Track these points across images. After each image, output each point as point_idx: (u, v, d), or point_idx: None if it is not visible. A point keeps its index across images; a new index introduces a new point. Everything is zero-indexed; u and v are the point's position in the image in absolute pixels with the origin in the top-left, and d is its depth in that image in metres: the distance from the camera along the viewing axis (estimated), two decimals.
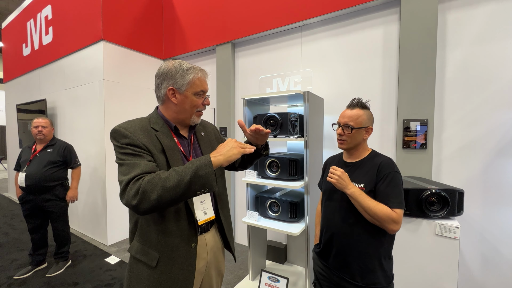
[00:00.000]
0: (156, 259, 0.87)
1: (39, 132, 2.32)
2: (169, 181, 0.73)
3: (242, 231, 3.11)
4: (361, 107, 1.17)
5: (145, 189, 0.73)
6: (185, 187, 0.74)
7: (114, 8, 3.08)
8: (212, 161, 0.78)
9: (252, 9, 2.81)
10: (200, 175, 0.74)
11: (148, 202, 0.73)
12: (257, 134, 1.01)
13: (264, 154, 1.12)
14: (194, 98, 0.93)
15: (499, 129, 1.79)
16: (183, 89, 0.91)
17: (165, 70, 0.92)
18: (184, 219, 0.91)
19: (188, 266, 0.91)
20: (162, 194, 0.73)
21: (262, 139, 1.04)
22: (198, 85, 0.93)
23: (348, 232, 1.12)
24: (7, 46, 5.28)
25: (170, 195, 0.73)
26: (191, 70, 0.92)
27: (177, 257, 0.89)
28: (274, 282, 1.93)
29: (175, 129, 0.97)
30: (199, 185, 0.75)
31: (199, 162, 0.77)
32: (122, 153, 0.83)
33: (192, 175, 0.74)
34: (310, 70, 2.57)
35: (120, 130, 0.85)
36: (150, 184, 0.73)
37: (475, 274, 1.88)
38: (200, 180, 0.75)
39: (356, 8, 2.23)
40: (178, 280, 0.89)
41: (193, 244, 0.92)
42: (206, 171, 0.75)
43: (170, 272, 0.89)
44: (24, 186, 2.24)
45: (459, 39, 1.90)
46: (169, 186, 0.73)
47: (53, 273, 2.37)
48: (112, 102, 3.06)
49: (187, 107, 0.93)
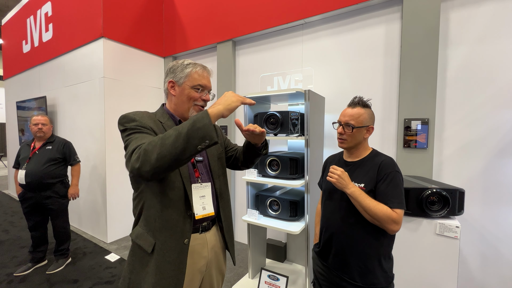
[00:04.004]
0: (152, 245, 0.87)
1: (39, 129, 2.32)
2: (167, 137, 0.73)
3: (242, 229, 3.11)
4: (363, 106, 1.16)
5: (146, 149, 0.73)
6: (183, 141, 0.71)
7: (114, 5, 3.06)
8: (210, 112, 0.75)
9: (253, 6, 2.80)
10: (198, 127, 0.72)
11: (149, 162, 0.72)
12: (253, 134, 1.02)
13: (263, 153, 1.12)
14: (191, 91, 0.96)
15: (500, 128, 1.78)
16: (181, 82, 0.95)
17: (169, 67, 0.99)
18: (181, 210, 0.90)
19: (179, 263, 0.89)
20: (161, 151, 0.71)
21: (259, 138, 1.04)
22: (196, 78, 0.96)
23: (347, 231, 1.11)
24: (7, 43, 5.26)
25: (169, 152, 0.71)
26: (190, 65, 0.97)
27: (168, 250, 0.88)
28: (273, 281, 1.93)
29: (179, 122, 1.00)
30: (198, 138, 0.72)
31: (197, 116, 0.75)
32: (130, 132, 0.85)
33: (189, 128, 0.72)
34: (311, 69, 2.55)
35: (129, 115, 0.89)
36: (151, 145, 0.74)
37: (475, 273, 1.88)
38: (198, 132, 0.72)
39: (358, 6, 2.21)
40: (168, 277, 0.87)
41: (186, 240, 0.90)
42: (204, 122, 0.72)
43: (161, 263, 0.87)
44: (24, 184, 2.24)
45: (461, 38, 1.89)
46: (167, 143, 0.72)
47: (53, 270, 2.38)
48: (112, 100, 3.05)
49: (185, 99, 0.96)
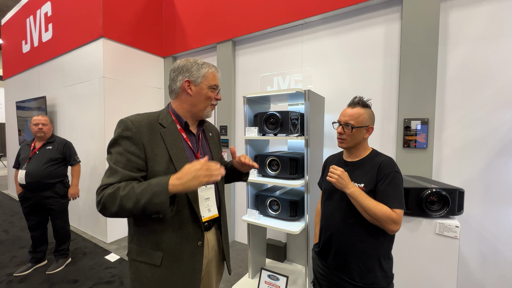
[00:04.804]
0: (160, 258, 0.88)
1: (39, 129, 2.32)
2: (126, 200, 0.77)
3: (242, 229, 3.11)
4: (362, 106, 1.15)
5: (105, 202, 0.78)
6: (140, 210, 0.77)
7: (114, 5, 3.06)
8: (170, 190, 0.78)
9: (253, 6, 2.79)
10: (154, 202, 0.76)
11: (109, 213, 0.80)
12: (244, 165, 1.08)
13: (243, 179, 1.21)
14: (208, 91, 0.97)
15: (499, 128, 1.78)
16: (198, 81, 0.95)
17: (181, 65, 0.97)
18: (188, 218, 0.91)
19: (195, 263, 0.93)
20: (119, 210, 0.78)
21: (246, 168, 1.11)
22: (212, 78, 0.98)
23: (347, 231, 1.11)
24: (7, 43, 5.26)
25: (126, 213, 0.80)
26: (205, 64, 0.98)
27: (182, 255, 0.90)
28: (273, 280, 1.93)
29: (185, 124, 0.99)
30: (153, 211, 0.78)
31: (156, 189, 0.77)
32: (115, 145, 0.86)
33: (147, 201, 0.76)
34: (311, 69, 2.55)
35: (127, 123, 0.87)
36: (110, 198, 0.78)
37: (474, 273, 1.88)
38: (154, 207, 0.77)
39: (358, 6, 2.21)
40: (184, 277, 0.90)
41: (199, 242, 0.94)
42: (160, 199, 0.76)
43: (176, 270, 0.90)
44: (24, 184, 2.24)
45: (461, 38, 1.89)
46: (125, 207, 0.77)
47: (53, 270, 2.38)
48: (112, 100, 3.05)
49: (202, 98, 0.97)
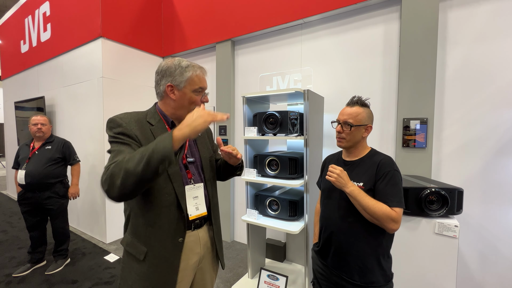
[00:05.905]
0: (143, 253, 0.89)
1: (38, 129, 2.31)
2: (131, 162, 0.72)
3: (242, 229, 3.11)
4: (361, 105, 1.16)
5: (112, 172, 0.73)
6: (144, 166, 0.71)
7: (113, 5, 3.05)
8: (175, 135, 0.74)
9: (252, 6, 2.79)
10: (158, 148, 0.72)
11: (115, 186, 0.72)
12: (230, 155, 1.01)
13: (237, 173, 1.14)
14: (192, 95, 0.94)
15: (498, 128, 1.79)
16: (181, 86, 0.92)
17: (164, 67, 0.93)
18: (174, 214, 0.92)
19: (173, 259, 0.92)
20: (125, 178, 0.71)
21: (234, 160, 1.04)
22: (196, 82, 0.94)
23: (347, 230, 1.11)
24: (5, 43, 5.24)
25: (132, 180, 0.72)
26: (189, 67, 0.93)
27: (163, 251, 0.90)
28: (273, 280, 1.93)
29: (172, 124, 0.99)
30: (158, 159, 0.71)
31: (160, 138, 0.75)
32: (113, 142, 0.86)
33: (151, 151, 0.72)
34: (310, 69, 2.56)
35: (116, 120, 0.88)
36: (117, 167, 0.73)
37: (473, 272, 1.89)
38: (159, 153, 0.72)
39: (357, 6, 2.22)
40: (163, 274, 0.90)
41: (180, 238, 0.93)
42: (164, 144, 0.73)
43: (156, 266, 0.90)
44: (24, 184, 2.23)
45: (460, 38, 1.89)
46: (130, 168, 0.72)
47: (52, 270, 2.37)
48: (111, 100, 3.04)
49: (185, 103, 0.94)
